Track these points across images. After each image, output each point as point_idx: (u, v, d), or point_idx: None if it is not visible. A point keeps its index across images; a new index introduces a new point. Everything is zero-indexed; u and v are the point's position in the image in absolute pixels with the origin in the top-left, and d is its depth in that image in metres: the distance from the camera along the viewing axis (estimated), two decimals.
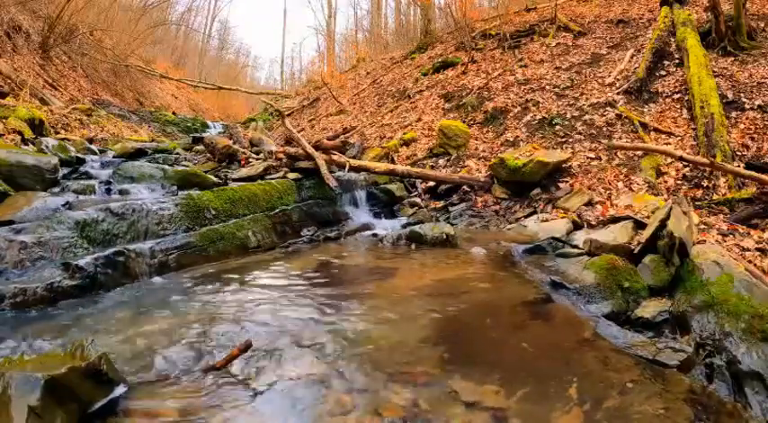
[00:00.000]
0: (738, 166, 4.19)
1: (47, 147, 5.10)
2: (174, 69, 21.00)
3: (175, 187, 4.17)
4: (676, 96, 5.80)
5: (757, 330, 2.01)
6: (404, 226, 4.45)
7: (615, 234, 3.35)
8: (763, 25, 6.51)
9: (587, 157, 5.24)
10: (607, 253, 2.90)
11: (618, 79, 6.52)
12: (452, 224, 4.39)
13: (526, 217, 4.51)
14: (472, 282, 2.83)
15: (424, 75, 9.87)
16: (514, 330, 2.18)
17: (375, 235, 4.14)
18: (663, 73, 6.33)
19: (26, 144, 5.28)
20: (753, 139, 4.73)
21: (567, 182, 4.89)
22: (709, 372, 1.98)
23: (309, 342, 2.00)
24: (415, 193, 5.64)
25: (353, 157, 6.03)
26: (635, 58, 6.90)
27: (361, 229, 4.41)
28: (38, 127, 6.23)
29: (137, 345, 1.95)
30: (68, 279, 2.54)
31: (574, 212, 4.24)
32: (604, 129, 5.65)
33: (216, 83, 21.24)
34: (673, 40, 6.73)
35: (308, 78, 21.56)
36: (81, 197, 3.61)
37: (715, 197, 4.10)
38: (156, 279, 2.93)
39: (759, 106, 5.04)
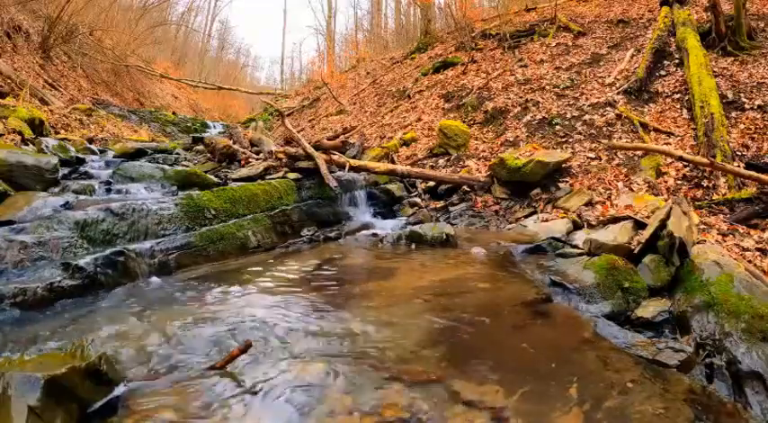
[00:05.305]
0: (738, 166, 4.18)
1: (47, 147, 5.11)
2: (173, 69, 21.00)
3: (175, 187, 4.18)
4: (676, 96, 5.80)
5: (757, 330, 2.02)
6: (404, 226, 4.44)
7: (615, 234, 3.35)
8: (763, 25, 6.51)
9: (587, 157, 5.24)
10: (607, 253, 2.90)
11: (618, 79, 6.52)
12: (452, 224, 4.39)
13: (526, 217, 4.51)
14: (472, 282, 2.83)
15: (424, 75, 9.86)
16: (514, 330, 2.18)
17: (375, 235, 4.13)
18: (663, 73, 6.33)
19: (26, 144, 5.28)
20: (753, 139, 4.73)
21: (567, 182, 4.89)
22: (710, 372, 1.98)
23: (309, 342, 2.00)
24: (415, 193, 5.63)
25: (353, 157, 6.03)
26: (635, 58, 6.90)
27: (361, 229, 4.40)
28: (38, 127, 6.24)
29: (136, 344, 1.95)
30: (68, 279, 2.54)
31: (574, 212, 4.24)
32: (604, 129, 5.65)
33: (216, 83, 21.25)
34: (673, 40, 6.73)
35: (308, 78, 21.58)
36: (81, 197, 3.61)
37: (715, 197, 4.10)
38: (156, 279, 2.93)
39: (759, 106, 5.04)
